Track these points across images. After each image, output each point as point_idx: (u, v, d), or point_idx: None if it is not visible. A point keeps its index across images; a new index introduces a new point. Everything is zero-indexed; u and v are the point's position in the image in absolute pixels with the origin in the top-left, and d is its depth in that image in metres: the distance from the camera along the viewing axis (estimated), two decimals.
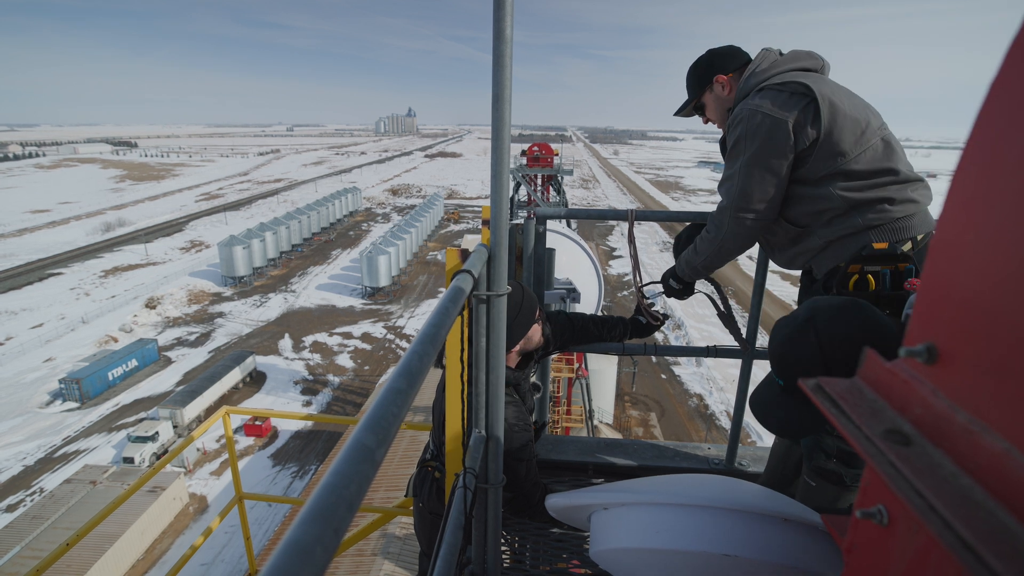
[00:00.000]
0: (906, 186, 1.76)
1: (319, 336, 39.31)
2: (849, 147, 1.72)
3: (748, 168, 1.81)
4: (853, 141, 1.72)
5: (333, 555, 0.42)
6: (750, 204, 1.85)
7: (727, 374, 32.51)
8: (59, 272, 52.64)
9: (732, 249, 1.98)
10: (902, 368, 0.52)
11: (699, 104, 2.11)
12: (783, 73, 1.82)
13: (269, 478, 25.02)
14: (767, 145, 1.76)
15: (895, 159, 1.76)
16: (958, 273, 0.47)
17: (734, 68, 1.98)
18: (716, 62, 2.00)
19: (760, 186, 1.82)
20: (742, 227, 1.90)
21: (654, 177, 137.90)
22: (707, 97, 2.06)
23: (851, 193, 1.75)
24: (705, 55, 2.04)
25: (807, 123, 1.72)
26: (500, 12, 1.17)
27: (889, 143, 1.77)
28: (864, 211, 1.75)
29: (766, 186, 1.82)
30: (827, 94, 1.73)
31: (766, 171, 1.80)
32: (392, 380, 0.68)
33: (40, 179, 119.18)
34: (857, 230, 1.77)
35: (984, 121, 0.45)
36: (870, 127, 1.75)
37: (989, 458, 0.40)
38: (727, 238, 1.95)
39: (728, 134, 1.92)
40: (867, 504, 0.54)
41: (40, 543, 17.80)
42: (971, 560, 0.36)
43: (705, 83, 2.04)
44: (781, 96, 1.75)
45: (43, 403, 31.09)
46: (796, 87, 1.75)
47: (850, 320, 1.19)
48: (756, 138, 1.77)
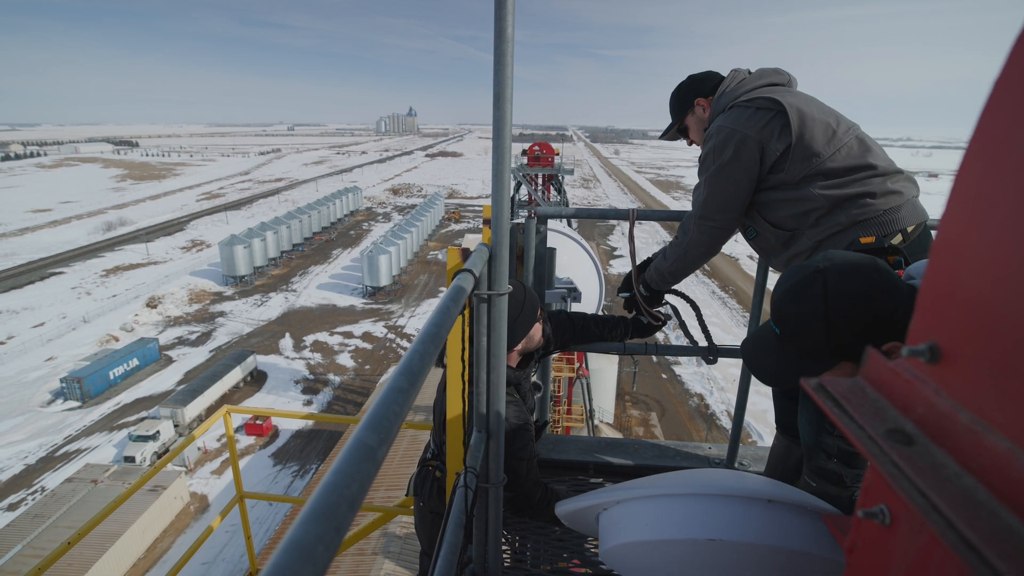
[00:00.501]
0: (886, 178, 1.78)
1: (320, 335, 39.35)
2: (822, 147, 1.78)
3: (714, 179, 1.93)
4: (825, 141, 1.78)
5: (335, 554, 0.42)
6: (712, 212, 1.97)
7: (728, 374, 32.49)
8: (60, 271, 52.72)
9: (696, 256, 2.09)
10: (905, 368, 0.52)
11: (682, 127, 2.23)
12: (751, 91, 1.93)
13: (270, 477, 25.05)
14: (732, 159, 1.87)
15: (871, 155, 1.79)
16: (961, 272, 0.47)
17: (711, 91, 2.09)
18: (696, 86, 2.13)
19: (722, 196, 1.93)
20: (704, 234, 2.01)
21: (655, 176, 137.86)
22: (689, 119, 2.18)
23: (831, 191, 1.79)
24: (685, 80, 2.17)
25: (774, 134, 1.81)
26: (501, 12, 1.17)
27: (863, 140, 1.82)
28: (847, 208, 1.78)
29: (727, 197, 1.93)
30: (794, 103, 1.82)
31: (729, 183, 1.90)
32: (393, 379, 0.68)
33: (41, 178, 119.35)
34: (844, 227, 1.79)
35: (987, 120, 0.45)
36: (840, 127, 1.82)
37: (992, 458, 0.40)
38: (691, 243, 2.07)
39: (702, 150, 2.03)
40: (869, 504, 0.54)
41: (41, 542, 17.84)
42: (974, 560, 0.35)
43: (686, 107, 2.16)
44: (747, 112, 1.86)
45: (44, 402, 31.14)
46: (762, 102, 1.85)
47: (865, 278, 1.13)
48: (722, 152, 1.88)
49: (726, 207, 1.95)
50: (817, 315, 1.16)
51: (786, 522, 1.19)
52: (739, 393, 2.56)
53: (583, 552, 2.22)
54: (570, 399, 18.21)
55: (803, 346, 1.22)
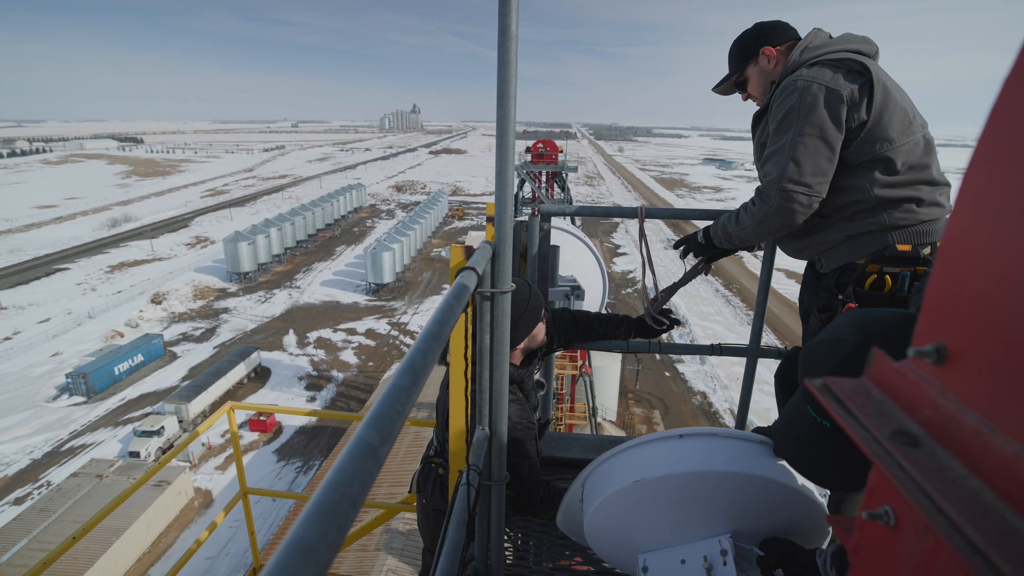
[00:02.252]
0: (935, 189, 1.74)
1: (323, 332, 39.44)
2: (897, 134, 1.69)
3: (802, 139, 1.71)
4: (901, 129, 1.69)
5: (336, 552, 0.42)
6: (802, 177, 1.72)
7: (731, 372, 32.43)
8: (66, 267, 52.98)
9: (773, 226, 1.84)
10: (911, 369, 0.51)
11: (741, 79, 2.03)
12: (838, 52, 1.76)
13: (273, 473, 25.16)
14: (824, 116, 1.68)
15: (932, 159, 1.74)
16: (967, 273, 0.46)
17: (781, 42, 1.91)
18: (764, 33, 1.93)
19: (814, 158, 1.71)
20: (791, 201, 1.76)
21: (659, 174, 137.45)
22: (751, 70, 1.99)
23: (884, 189, 1.72)
24: (752, 27, 1.98)
25: (861, 101, 1.67)
26: (505, 8, 1.17)
27: (930, 142, 1.75)
28: (891, 209, 1.73)
29: (820, 159, 1.71)
30: (882, 79, 1.69)
31: (821, 142, 1.70)
32: (396, 377, 0.68)
33: (47, 175, 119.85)
34: (881, 228, 1.74)
35: (996, 119, 0.44)
36: (916, 120, 1.73)
37: (999, 460, 0.40)
38: (771, 212, 1.81)
39: (775, 107, 1.81)
40: (874, 505, 0.53)
41: (47, 536, 17.97)
42: (981, 564, 0.35)
43: (750, 55, 1.96)
44: (839, 71, 1.70)
45: (50, 397, 31.34)
46: (853, 64, 1.70)
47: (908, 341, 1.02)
48: (813, 109, 1.69)
49: (818, 170, 1.71)
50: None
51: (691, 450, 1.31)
52: (742, 391, 2.55)
53: (585, 550, 2.23)
54: (573, 397, 18.20)
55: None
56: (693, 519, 1.31)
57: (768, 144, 1.83)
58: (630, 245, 61.73)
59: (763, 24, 1.95)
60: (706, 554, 1.27)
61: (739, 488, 1.25)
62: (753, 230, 1.90)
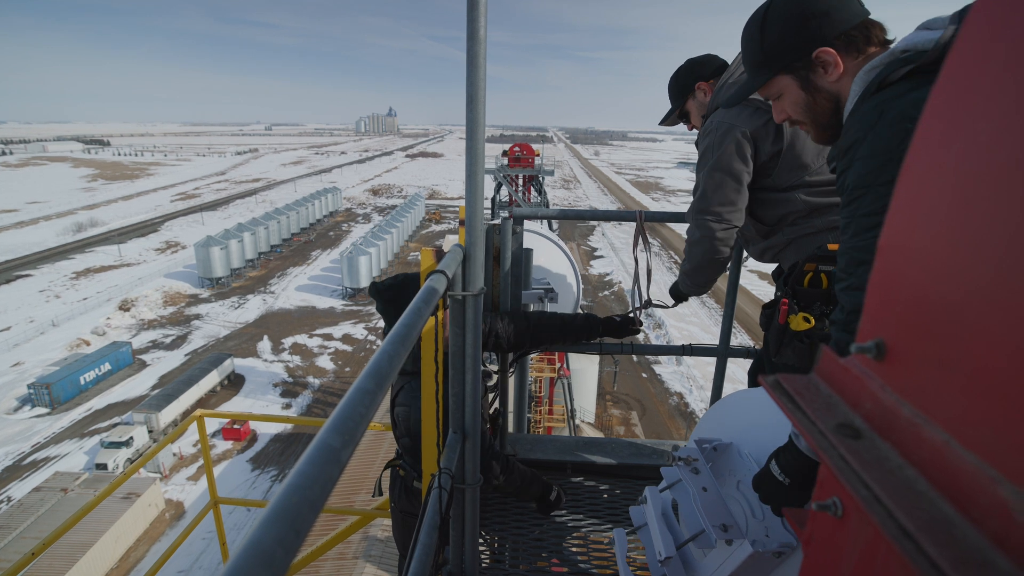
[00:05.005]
0: None
1: (299, 338, 38.83)
2: (811, 160, 1.83)
3: (711, 173, 1.90)
4: (815, 154, 1.83)
5: (295, 556, 0.41)
6: (710, 206, 1.93)
7: (707, 372, 32.91)
8: (28, 274, 51.15)
9: (705, 254, 2.02)
10: (854, 364, 0.53)
11: (683, 111, 2.20)
12: None
13: (248, 482, 24.63)
14: (730, 154, 1.86)
15: None
16: (904, 271, 0.49)
17: (712, 75, 2.08)
18: (696, 70, 2.10)
19: (722, 190, 1.90)
20: (704, 228, 1.96)
21: (634, 178, 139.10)
22: (690, 104, 2.16)
23: (813, 199, 1.85)
24: (684, 64, 2.13)
25: (768, 137, 1.83)
26: (474, 13, 1.18)
27: None
28: (824, 214, 1.85)
29: (727, 190, 1.90)
30: None
31: (728, 176, 1.88)
32: (360, 380, 0.68)
33: (6, 178, 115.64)
34: (817, 230, 1.86)
35: (925, 126, 0.48)
36: None
37: (931, 450, 0.42)
38: (693, 242, 2.02)
39: (699, 143, 2.00)
40: (823, 496, 0.55)
41: (6, 554, 17.27)
42: (911, 549, 0.37)
43: (687, 91, 2.13)
44: (747, 110, 1.86)
45: (11, 409, 30.15)
46: (761, 103, 1.85)
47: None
48: (720, 146, 1.87)
49: (725, 200, 1.92)
50: (756, 23, 1.26)
51: None
52: (713, 391, 2.60)
53: (562, 552, 2.24)
54: (551, 399, 18.26)
55: (746, 60, 1.33)
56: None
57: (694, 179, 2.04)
58: (606, 248, 62.24)
59: (694, 60, 2.13)
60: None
61: None
62: (694, 262, 2.08)
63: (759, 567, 1.25)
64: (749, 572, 1.26)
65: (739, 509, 1.33)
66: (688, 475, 1.37)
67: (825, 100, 1.25)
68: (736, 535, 1.24)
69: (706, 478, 1.36)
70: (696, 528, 1.29)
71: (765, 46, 1.28)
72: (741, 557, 1.24)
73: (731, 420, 1.51)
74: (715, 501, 1.31)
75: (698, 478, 1.36)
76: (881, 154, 1.00)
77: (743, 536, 1.24)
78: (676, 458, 1.41)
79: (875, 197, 1.02)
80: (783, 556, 1.23)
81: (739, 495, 1.35)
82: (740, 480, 1.36)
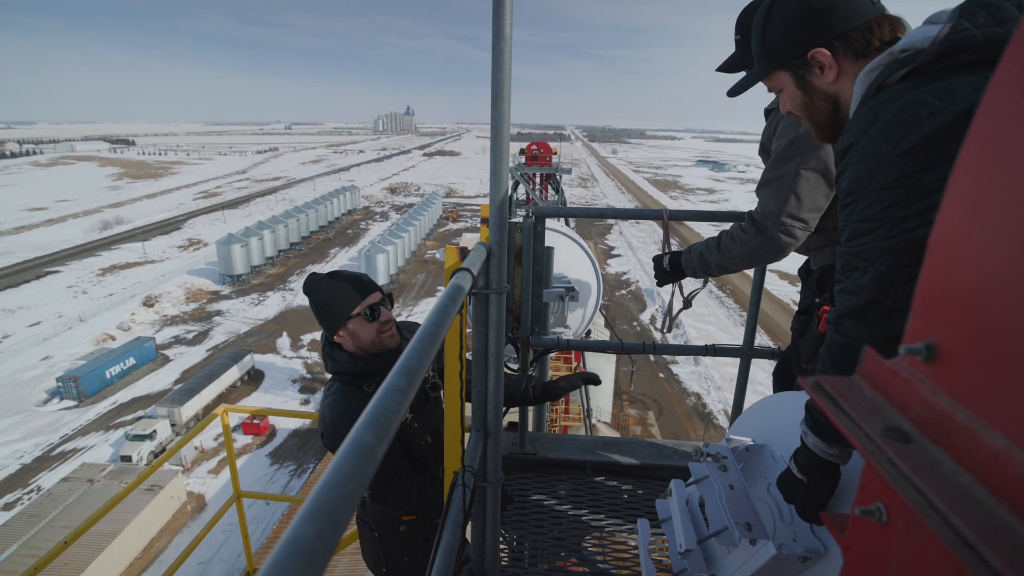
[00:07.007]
0: None
1: (317, 334, 39.11)
2: None
3: (804, 172, 1.66)
4: None
5: (333, 553, 0.41)
6: (800, 212, 1.68)
7: (725, 373, 32.56)
8: (56, 270, 52.54)
9: (763, 257, 1.82)
10: (901, 366, 0.52)
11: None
12: None
13: (267, 476, 25.03)
14: (828, 150, 1.63)
15: None
16: (956, 271, 0.47)
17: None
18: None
19: (814, 194, 1.66)
20: (788, 235, 1.72)
21: (652, 176, 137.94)
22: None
23: None
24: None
25: None
26: (500, 11, 1.17)
27: None
28: None
29: (819, 196, 1.67)
30: None
31: (823, 178, 1.65)
32: (392, 377, 0.68)
33: (37, 177, 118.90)
34: None
35: (983, 119, 0.45)
36: None
37: (989, 455, 0.40)
38: (764, 244, 1.77)
39: (781, 127, 1.74)
40: (866, 502, 0.54)
41: (38, 541, 17.80)
42: (971, 558, 0.35)
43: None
44: None
45: (40, 401, 31.04)
46: None
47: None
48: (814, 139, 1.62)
49: (815, 207, 1.67)
50: (761, 17, 1.24)
51: None
52: (736, 392, 2.57)
53: (581, 551, 2.23)
54: (567, 398, 18.22)
55: (753, 50, 1.31)
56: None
57: (768, 167, 1.77)
58: (624, 247, 61.89)
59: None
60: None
61: None
62: (742, 260, 1.86)
63: (783, 570, 1.24)
64: (772, 574, 1.24)
65: (767, 511, 1.31)
66: (715, 471, 1.35)
67: (821, 101, 1.23)
68: (760, 535, 1.22)
69: (734, 476, 1.34)
70: (720, 524, 1.28)
71: (766, 41, 1.26)
72: (764, 558, 1.23)
73: (767, 422, 1.48)
74: (741, 499, 1.29)
75: (725, 475, 1.34)
76: (874, 159, 0.97)
77: (767, 537, 1.23)
78: (705, 454, 1.40)
79: (868, 203, 0.99)
80: (809, 561, 1.21)
81: (768, 497, 1.33)
82: (771, 483, 1.34)
